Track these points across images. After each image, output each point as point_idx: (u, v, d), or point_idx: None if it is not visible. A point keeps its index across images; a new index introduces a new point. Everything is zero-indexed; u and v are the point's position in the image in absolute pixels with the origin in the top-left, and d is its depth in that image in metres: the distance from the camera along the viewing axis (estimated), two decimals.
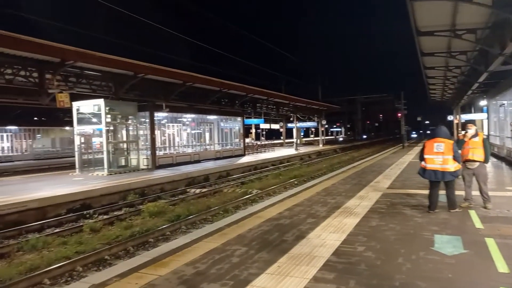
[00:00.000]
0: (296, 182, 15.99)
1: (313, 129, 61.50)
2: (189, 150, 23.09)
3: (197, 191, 14.54)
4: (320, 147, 41.25)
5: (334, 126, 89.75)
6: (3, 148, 30.25)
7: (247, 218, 6.91)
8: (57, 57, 13.08)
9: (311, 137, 61.19)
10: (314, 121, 48.03)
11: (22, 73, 13.51)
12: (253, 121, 41.57)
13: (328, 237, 5.44)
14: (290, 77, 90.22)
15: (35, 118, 33.59)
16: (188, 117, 23.57)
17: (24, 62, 13.20)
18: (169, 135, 22.03)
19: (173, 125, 22.29)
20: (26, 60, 13.09)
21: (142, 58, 16.28)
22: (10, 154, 30.14)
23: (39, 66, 13.61)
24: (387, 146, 44.19)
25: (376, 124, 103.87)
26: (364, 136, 79.44)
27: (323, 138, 46.12)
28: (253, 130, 46.25)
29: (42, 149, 32.65)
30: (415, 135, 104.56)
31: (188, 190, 14.79)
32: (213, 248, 5.09)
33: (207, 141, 25.18)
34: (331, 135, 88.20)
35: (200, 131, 24.83)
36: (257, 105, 32.40)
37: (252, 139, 44.11)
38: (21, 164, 26.34)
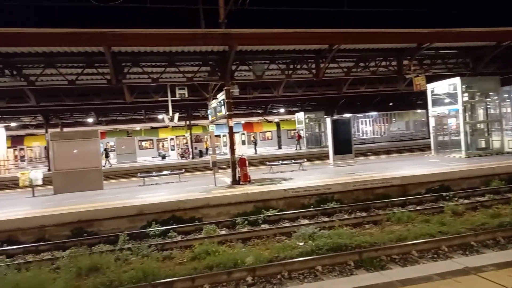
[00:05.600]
0: None
1: None
2: None
3: None
4: None
5: None
6: (366, 131, 35.43)
7: None
8: (413, 42, 13.60)
9: None
10: None
11: (383, 63, 15.08)
12: None
13: None
14: None
15: (391, 104, 36.79)
16: None
17: (384, 53, 14.71)
18: None
19: None
20: (386, 51, 14.51)
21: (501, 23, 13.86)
22: (372, 136, 34.87)
23: (397, 54, 14.71)
24: None
25: None
26: None
27: None
28: None
29: (397, 131, 35.55)
30: None
31: None
32: None
33: None
34: None
35: None
36: None
37: None
38: (380, 145, 29.93)
